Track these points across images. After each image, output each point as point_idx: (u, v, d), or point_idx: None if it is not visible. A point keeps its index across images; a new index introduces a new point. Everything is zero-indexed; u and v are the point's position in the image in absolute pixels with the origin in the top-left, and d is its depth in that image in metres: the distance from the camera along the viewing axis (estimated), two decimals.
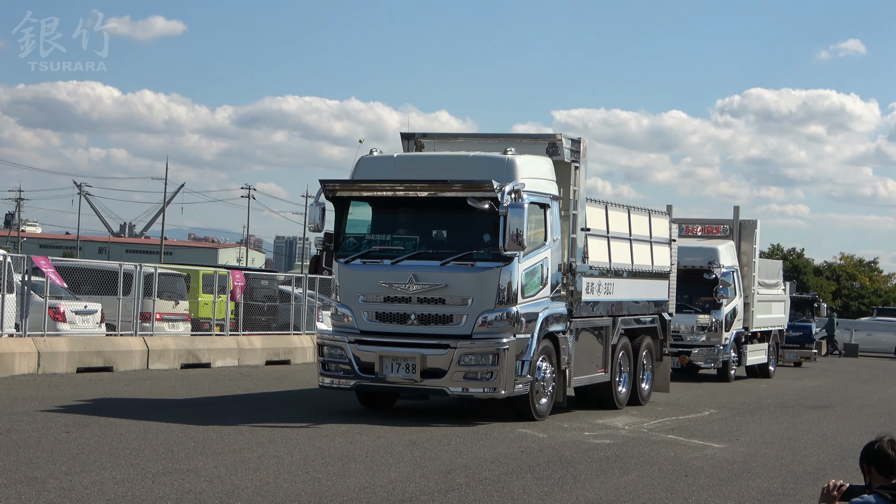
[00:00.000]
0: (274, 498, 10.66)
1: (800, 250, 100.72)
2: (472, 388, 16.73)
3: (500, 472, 12.81)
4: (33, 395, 18.48)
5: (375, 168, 17.69)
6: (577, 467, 13.35)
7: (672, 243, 22.52)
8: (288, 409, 18.22)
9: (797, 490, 12.55)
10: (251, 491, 10.91)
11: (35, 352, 22.34)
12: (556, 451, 14.61)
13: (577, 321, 18.66)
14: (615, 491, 11.98)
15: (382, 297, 17.16)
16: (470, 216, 16.99)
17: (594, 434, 16.51)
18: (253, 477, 11.65)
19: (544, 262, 17.60)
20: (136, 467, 11.90)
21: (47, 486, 10.66)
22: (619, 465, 13.75)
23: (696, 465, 14.09)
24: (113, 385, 21.04)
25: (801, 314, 41.15)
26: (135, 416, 16.22)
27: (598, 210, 19.66)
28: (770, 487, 12.64)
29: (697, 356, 29.73)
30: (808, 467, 14.37)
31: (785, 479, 13.28)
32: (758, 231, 32.01)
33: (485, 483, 12.05)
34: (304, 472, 12.01)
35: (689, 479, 12.86)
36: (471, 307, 16.80)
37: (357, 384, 17.18)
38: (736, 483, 12.83)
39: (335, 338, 17.35)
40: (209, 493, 10.68)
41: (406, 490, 11.37)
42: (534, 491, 11.68)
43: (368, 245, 17.56)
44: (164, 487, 10.86)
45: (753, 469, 13.89)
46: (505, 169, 16.98)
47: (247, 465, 12.38)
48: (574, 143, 18.61)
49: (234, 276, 29.52)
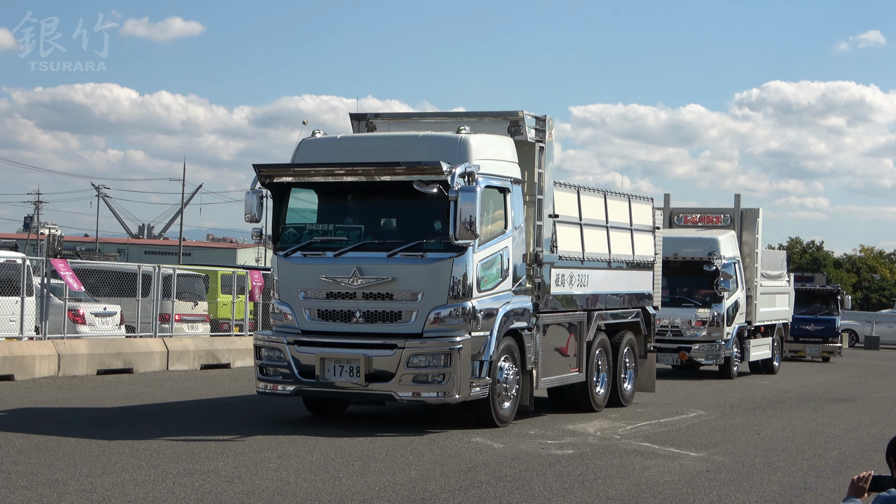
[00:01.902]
0: (294, 497, 10.58)
1: (819, 243, 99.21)
2: (424, 392, 15.08)
3: (423, 493, 11.12)
4: (54, 398, 18.57)
5: (317, 151, 16.07)
6: (527, 485, 11.69)
7: (656, 231, 20.79)
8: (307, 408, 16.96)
9: (819, 483, 12.41)
10: (272, 491, 10.83)
11: (55, 354, 22.50)
12: (508, 465, 12.95)
13: (546, 316, 16.99)
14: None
15: (325, 294, 15.54)
16: (420, 203, 15.38)
17: (558, 443, 14.83)
18: (273, 477, 11.57)
19: (504, 251, 15.94)
20: (156, 468, 11.85)
21: (68, 489, 10.63)
22: (578, 481, 12.07)
23: (664, 479, 12.41)
24: (133, 387, 21.01)
25: (824, 307, 39.35)
26: (155, 417, 16.10)
27: (568, 195, 17.97)
28: (791, 481, 12.46)
29: (698, 352, 28.05)
30: (830, 461, 14.17)
31: (807, 472, 13.15)
32: (760, 220, 30.29)
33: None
34: (324, 472, 11.95)
35: (710, 473, 12.72)
36: (421, 303, 15.16)
37: (297, 390, 15.54)
38: (757, 478, 12.61)
39: (273, 339, 15.73)
40: (230, 494, 10.63)
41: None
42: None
43: (309, 236, 15.94)
44: (184, 488, 10.81)
45: (775, 463, 13.68)
46: (457, 149, 15.34)
47: (267, 465, 12.32)
48: (539, 122, 16.93)
49: (252, 276, 29.74)
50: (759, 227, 30.24)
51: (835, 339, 38.94)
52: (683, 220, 30.92)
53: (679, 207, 31.50)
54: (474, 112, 17.04)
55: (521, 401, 16.45)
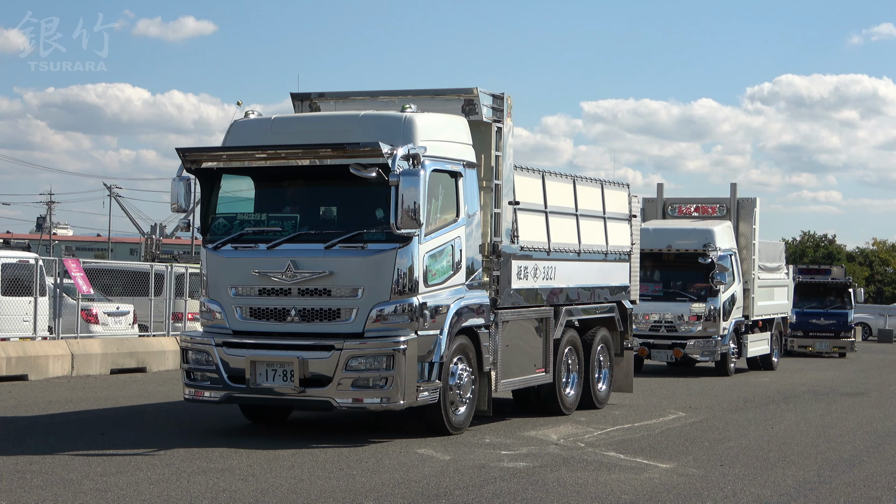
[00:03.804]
0: (308, 495, 10.49)
1: (832, 236, 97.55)
2: (366, 398, 13.62)
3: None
4: (68, 398, 18.55)
5: (249, 133, 14.64)
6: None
7: (633, 219, 19.27)
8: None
9: (833, 477, 12.27)
10: (286, 489, 10.76)
11: (69, 354, 22.64)
12: (451, 481, 11.50)
13: (506, 313, 15.52)
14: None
15: (257, 290, 14.11)
16: (361, 189, 13.95)
17: (513, 453, 13.37)
18: (287, 475, 11.47)
19: (455, 242, 14.49)
20: (170, 467, 11.75)
21: (83, 488, 10.59)
22: (516, 500, 10.63)
23: (621, 499, 10.95)
24: (146, 386, 20.99)
25: (836, 301, 37.80)
26: (168, 416, 15.90)
27: (531, 180, 16.50)
28: (806, 476, 12.33)
29: (693, 348, 26.57)
30: (844, 455, 14.04)
31: (821, 466, 13.03)
32: (757, 210, 28.77)
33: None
34: (338, 469, 11.82)
35: (725, 468, 12.57)
36: (362, 299, 13.72)
37: (226, 396, 14.08)
38: (772, 471, 12.50)
39: (200, 340, 14.31)
40: (244, 492, 10.56)
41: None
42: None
43: (241, 227, 14.51)
44: (199, 486, 10.75)
45: (789, 457, 13.56)
46: (401, 129, 13.90)
47: (281, 462, 12.19)
48: (496, 100, 15.46)
49: None
50: (757, 217, 28.73)
51: (847, 334, 37.37)
52: (677, 211, 29.42)
53: (673, 198, 30.00)
54: (426, 90, 15.56)
55: (479, 405, 15.02)
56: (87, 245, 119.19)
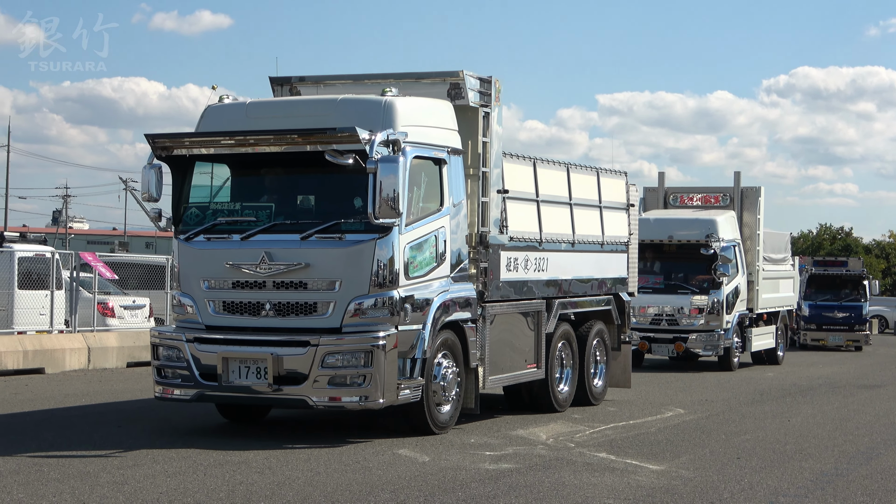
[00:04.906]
0: (325, 488, 10.42)
1: (848, 229, 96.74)
2: (344, 396, 12.94)
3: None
4: (84, 391, 18.57)
5: (223, 118, 13.96)
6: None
7: (630, 208, 18.56)
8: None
9: (851, 470, 12.16)
10: (302, 482, 10.71)
11: (85, 347, 22.74)
12: (424, 483, 10.82)
13: (494, 306, 14.83)
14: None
15: (230, 283, 13.44)
16: (339, 177, 13.27)
17: (498, 454, 12.69)
18: (304, 468, 11.42)
19: (439, 232, 13.80)
20: (187, 460, 11.70)
21: (100, 481, 10.56)
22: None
23: (604, 503, 10.27)
24: None
25: (851, 293, 37.02)
26: (184, 408, 15.60)
27: (522, 168, 15.80)
28: (823, 468, 12.26)
29: (695, 342, 25.84)
30: (861, 447, 13.93)
31: (838, 459, 12.96)
32: (762, 199, 28.01)
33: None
34: (354, 462, 11.77)
35: (741, 460, 12.51)
36: (339, 292, 13.04)
37: (198, 394, 13.41)
38: (789, 464, 12.43)
39: (171, 335, 13.65)
40: (260, 485, 10.51)
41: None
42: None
43: (214, 217, 13.86)
44: (215, 479, 10.72)
45: (806, 450, 13.47)
46: (380, 114, 13.21)
47: (297, 455, 12.15)
48: (483, 84, 14.76)
49: None
50: (761, 206, 27.97)
51: (862, 327, 36.59)
52: (679, 201, 28.70)
53: (674, 187, 29.29)
54: (409, 73, 14.87)
55: (466, 403, 14.34)
56: (102, 239, 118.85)
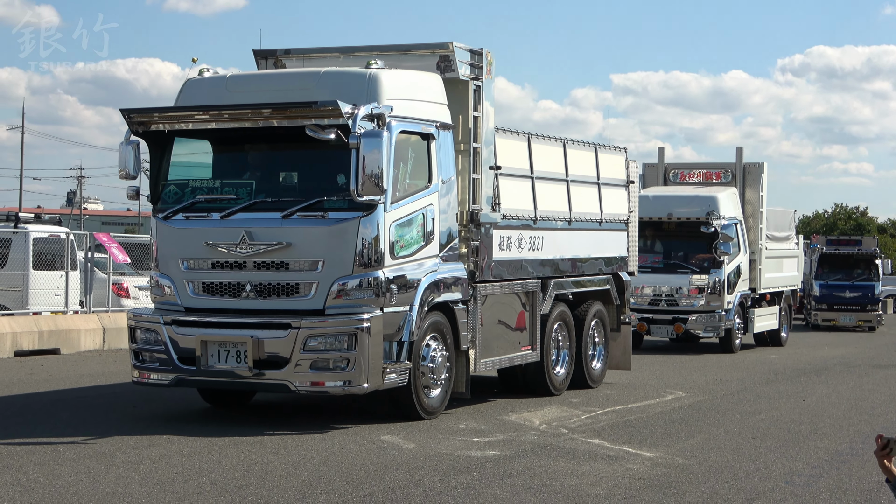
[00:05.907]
0: (340, 468, 10.37)
1: (864, 208, 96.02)
2: (327, 381, 12.44)
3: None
4: (100, 371, 18.69)
5: (202, 92, 13.42)
6: (408, 500, 9.10)
7: (630, 185, 18.00)
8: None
9: (866, 450, 11.92)
10: (317, 461, 10.69)
11: (100, 328, 22.91)
12: (406, 475, 10.30)
13: (486, 286, 14.31)
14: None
15: (210, 263, 12.93)
16: (322, 153, 12.74)
17: (487, 440, 12.18)
18: (318, 447, 11.40)
19: (427, 210, 13.26)
20: (202, 440, 11.70)
21: (116, 461, 10.57)
22: (471, 498, 9.45)
23: (592, 492, 9.76)
24: None
25: (863, 273, 36.43)
26: (200, 389, 14.98)
27: (516, 143, 15.25)
28: (838, 448, 12.25)
29: (695, 323, 25.18)
30: (877, 427, 13.72)
31: (853, 439, 12.92)
32: (765, 175, 27.34)
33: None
34: (369, 442, 11.75)
35: (756, 440, 12.48)
36: (322, 273, 12.53)
37: (177, 378, 12.90)
38: (804, 444, 12.41)
39: (148, 318, 13.15)
40: (275, 464, 10.50)
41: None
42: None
43: (193, 194, 13.33)
44: (230, 459, 10.72)
45: (821, 429, 13.45)
46: (365, 87, 12.66)
47: (312, 435, 12.09)
48: (474, 56, 14.20)
49: None
50: (764, 183, 27.31)
51: (874, 307, 35.98)
52: (679, 177, 28.03)
53: (674, 163, 28.66)
54: (397, 45, 14.30)
55: (456, 387, 13.83)
56: (116, 219, 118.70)
